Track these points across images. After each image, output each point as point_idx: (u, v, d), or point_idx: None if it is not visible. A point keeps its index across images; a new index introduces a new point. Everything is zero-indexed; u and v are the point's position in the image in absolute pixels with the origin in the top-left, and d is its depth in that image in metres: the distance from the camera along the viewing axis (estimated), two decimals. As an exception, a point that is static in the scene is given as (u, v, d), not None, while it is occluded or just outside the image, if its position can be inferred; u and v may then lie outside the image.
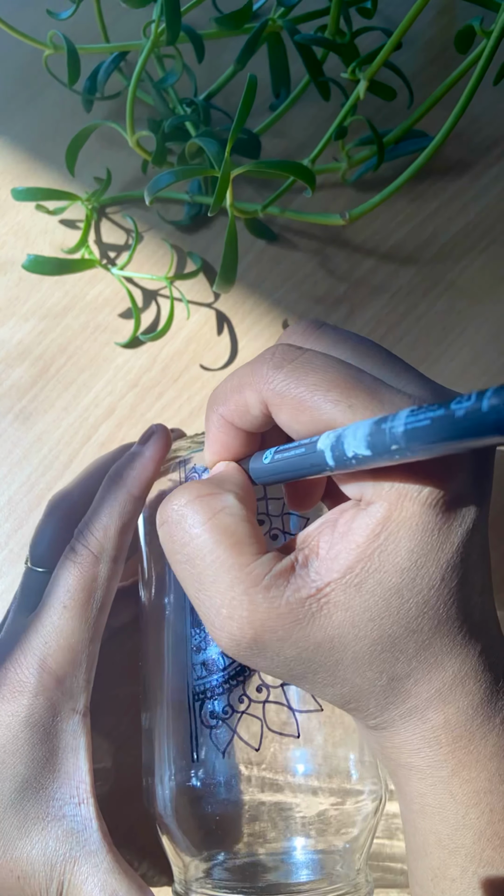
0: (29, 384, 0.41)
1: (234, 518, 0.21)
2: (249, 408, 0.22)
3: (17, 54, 0.46)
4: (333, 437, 0.19)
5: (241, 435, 0.23)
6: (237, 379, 0.22)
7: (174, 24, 0.36)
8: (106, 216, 0.43)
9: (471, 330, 0.39)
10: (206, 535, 0.21)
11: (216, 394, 0.23)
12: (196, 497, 0.22)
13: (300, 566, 0.20)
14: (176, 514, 0.22)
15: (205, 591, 0.21)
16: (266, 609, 0.20)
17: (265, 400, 0.21)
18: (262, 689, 0.26)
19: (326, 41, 0.38)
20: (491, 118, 0.42)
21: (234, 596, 0.20)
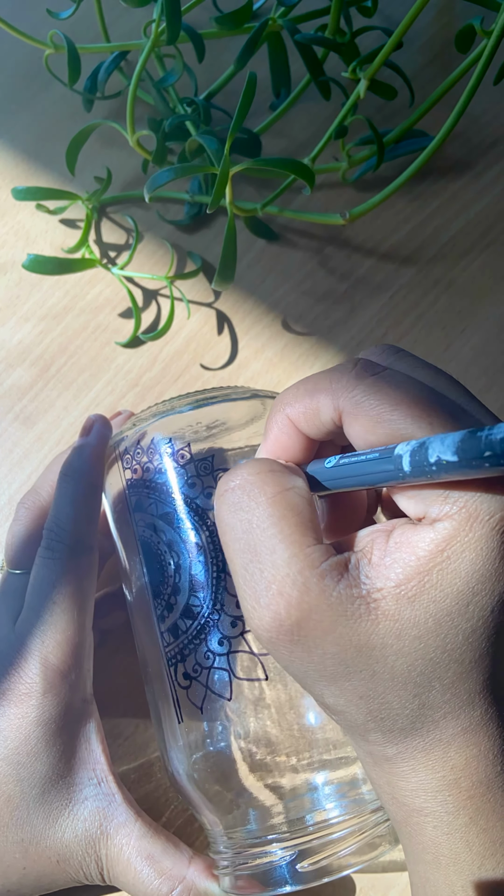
0: (29, 384, 0.41)
1: (301, 499, 0.21)
2: (320, 413, 0.22)
3: (17, 54, 0.46)
4: (415, 444, 0.19)
5: (301, 440, 0.23)
6: (312, 383, 0.22)
7: (174, 24, 0.36)
8: (106, 216, 0.43)
9: (471, 330, 0.39)
10: (273, 508, 0.21)
11: (286, 394, 0.23)
12: (268, 470, 0.22)
13: (352, 567, 0.20)
14: (244, 480, 0.21)
15: (258, 562, 0.20)
16: (318, 595, 0.19)
17: (340, 408, 0.21)
18: (223, 642, 0.27)
19: (327, 40, 0.38)
20: (491, 118, 0.42)
21: (289, 573, 0.20)
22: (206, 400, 0.29)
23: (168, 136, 0.39)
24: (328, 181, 0.42)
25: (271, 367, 0.40)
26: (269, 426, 0.24)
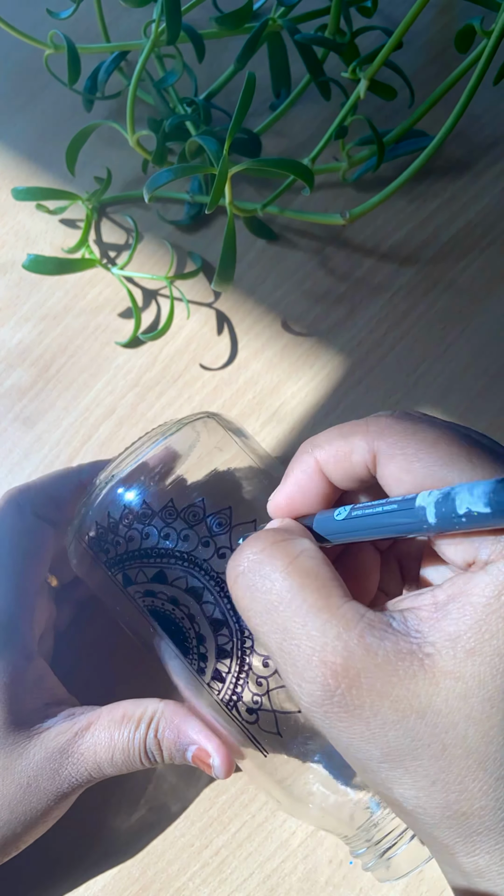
0: (29, 384, 0.41)
1: (314, 561, 0.20)
2: (353, 455, 0.21)
3: (17, 54, 0.46)
4: (439, 494, 0.18)
5: (322, 486, 0.22)
6: (347, 428, 0.22)
7: (174, 24, 0.36)
8: (106, 216, 0.43)
9: (471, 330, 0.39)
10: (290, 580, 0.19)
11: (317, 438, 0.22)
12: (271, 543, 0.21)
13: (397, 622, 0.18)
14: (251, 562, 0.20)
15: (291, 639, 0.19)
16: (363, 656, 0.18)
17: (375, 450, 0.20)
18: (267, 662, 0.26)
19: (327, 41, 0.38)
20: (491, 118, 0.42)
21: (327, 641, 0.18)
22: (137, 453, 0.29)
23: (168, 136, 0.39)
24: (328, 181, 0.42)
25: (271, 367, 0.40)
26: (292, 467, 0.23)
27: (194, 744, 0.27)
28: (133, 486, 0.28)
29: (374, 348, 0.39)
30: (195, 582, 0.27)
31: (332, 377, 0.39)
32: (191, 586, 0.27)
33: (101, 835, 0.33)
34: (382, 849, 0.26)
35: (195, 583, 0.27)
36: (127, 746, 0.28)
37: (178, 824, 0.33)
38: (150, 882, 0.32)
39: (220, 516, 0.28)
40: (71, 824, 0.33)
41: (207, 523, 0.28)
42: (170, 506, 0.28)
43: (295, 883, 0.32)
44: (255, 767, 0.27)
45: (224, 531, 0.27)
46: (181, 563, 0.27)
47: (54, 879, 0.33)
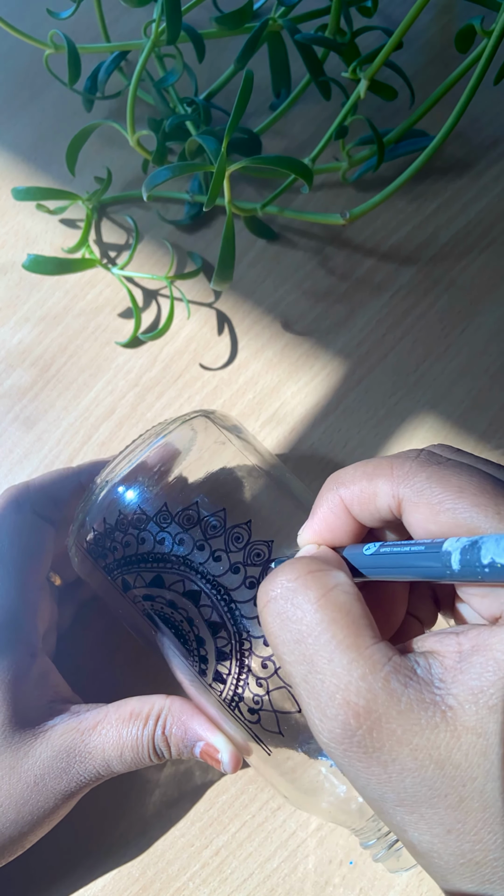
0: (29, 384, 0.41)
1: (348, 596, 0.20)
2: (377, 498, 0.21)
3: (17, 54, 0.46)
4: (467, 542, 0.18)
5: (350, 523, 0.22)
6: (371, 467, 0.21)
7: (175, 24, 0.36)
8: (106, 216, 0.43)
9: (471, 330, 0.39)
10: (322, 613, 0.19)
11: (342, 475, 0.22)
12: (307, 572, 0.20)
13: (422, 669, 0.18)
14: (285, 589, 0.20)
15: (317, 673, 0.19)
16: (385, 701, 0.18)
17: (400, 496, 0.20)
18: (266, 664, 0.27)
19: (327, 40, 0.38)
20: (491, 118, 0.42)
21: (352, 681, 0.18)
22: (133, 455, 0.29)
23: (168, 136, 0.39)
24: (328, 181, 0.42)
25: (271, 367, 0.40)
26: (318, 504, 0.23)
27: (202, 740, 0.27)
28: (128, 489, 0.28)
29: (374, 348, 0.39)
30: (192, 586, 0.27)
31: (332, 377, 0.39)
32: (188, 590, 0.27)
33: (102, 835, 0.33)
34: (392, 840, 0.26)
35: (192, 587, 0.27)
36: (136, 743, 0.28)
37: (178, 824, 0.33)
38: (150, 882, 0.32)
39: (215, 518, 0.28)
40: (71, 824, 0.33)
41: (202, 526, 0.28)
42: (164, 510, 0.28)
43: (295, 883, 0.32)
44: (262, 763, 0.28)
45: (219, 534, 0.27)
46: (177, 568, 0.27)
47: (54, 879, 0.33)
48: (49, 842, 0.32)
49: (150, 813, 0.33)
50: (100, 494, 0.28)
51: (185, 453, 0.29)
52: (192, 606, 0.27)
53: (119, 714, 0.28)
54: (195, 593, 0.27)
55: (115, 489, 0.28)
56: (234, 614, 0.27)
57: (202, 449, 0.29)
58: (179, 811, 0.33)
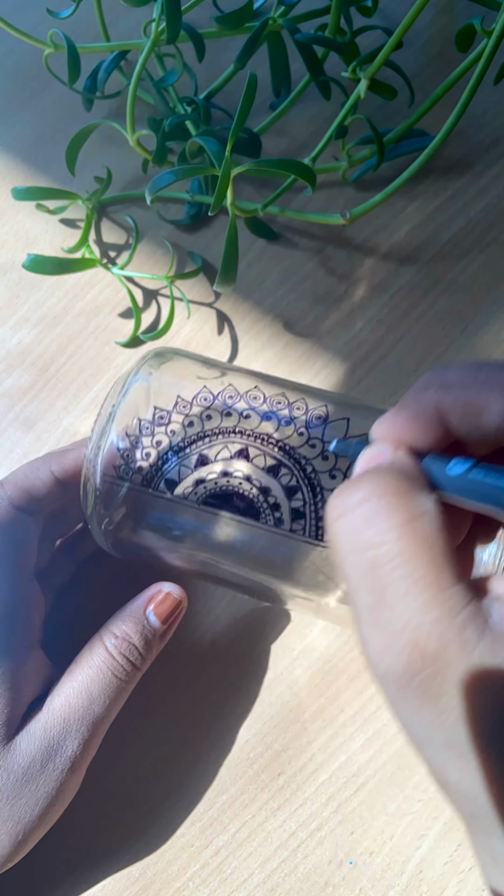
0: (29, 384, 0.41)
1: (434, 528, 0.18)
2: (485, 414, 0.18)
3: (17, 53, 0.46)
4: None
5: (441, 432, 0.20)
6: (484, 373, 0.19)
7: (174, 23, 0.36)
8: (106, 216, 0.43)
9: (471, 330, 0.39)
10: (404, 542, 0.17)
11: (447, 374, 0.19)
12: (393, 492, 0.18)
13: (495, 620, 0.17)
14: (366, 507, 0.18)
15: (386, 606, 0.17)
16: (457, 650, 0.17)
17: None
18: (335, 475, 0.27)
19: (327, 40, 0.38)
20: (491, 118, 0.42)
21: (425, 622, 0.17)
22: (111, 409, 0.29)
23: (168, 136, 0.39)
24: (328, 181, 0.42)
25: (271, 367, 0.40)
26: (408, 399, 0.20)
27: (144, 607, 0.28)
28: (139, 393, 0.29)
29: (374, 348, 0.39)
30: (236, 446, 0.28)
31: (332, 377, 0.39)
32: (235, 452, 0.28)
33: (101, 835, 0.33)
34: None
35: (236, 447, 0.28)
36: (94, 674, 0.28)
37: (178, 824, 0.33)
38: (150, 882, 0.32)
39: (228, 391, 0.29)
40: (71, 824, 0.33)
41: (220, 400, 0.28)
42: (180, 400, 0.29)
43: (295, 883, 0.32)
44: None
45: (237, 400, 0.28)
46: (216, 437, 0.28)
47: (55, 879, 0.33)
48: (49, 842, 0.32)
49: (150, 813, 0.33)
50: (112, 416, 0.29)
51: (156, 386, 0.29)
52: (245, 462, 0.28)
53: (68, 669, 0.29)
54: (242, 450, 0.28)
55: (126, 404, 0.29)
56: (285, 450, 0.28)
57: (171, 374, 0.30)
58: (179, 811, 0.33)
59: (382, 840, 0.32)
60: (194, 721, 0.34)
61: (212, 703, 0.34)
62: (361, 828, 0.32)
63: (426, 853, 0.32)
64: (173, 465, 0.28)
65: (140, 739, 0.34)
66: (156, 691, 0.35)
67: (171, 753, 0.34)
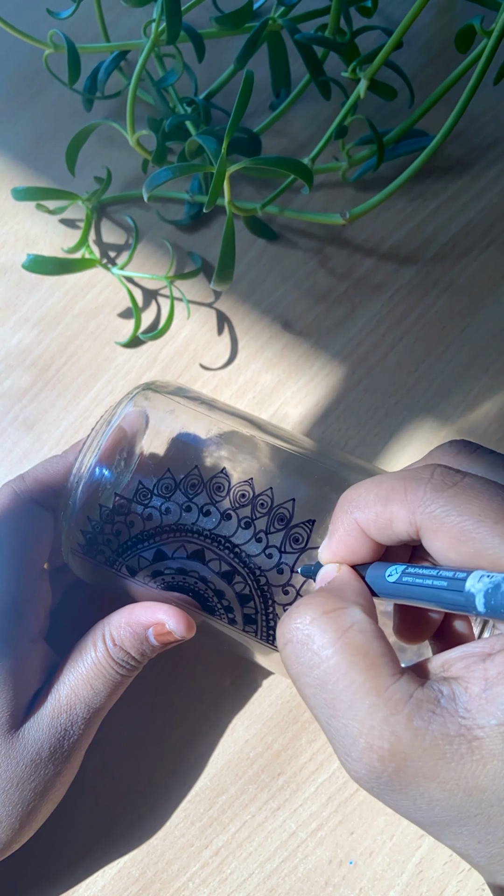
0: (29, 384, 0.41)
1: (365, 635, 0.19)
2: (394, 524, 0.21)
3: (17, 54, 0.46)
4: (490, 584, 0.17)
5: (369, 543, 0.22)
6: (384, 489, 0.21)
7: (174, 24, 0.36)
8: (106, 216, 0.43)
9: (471, 330, 0.39)
10: (338, 657, 0.19)
11: (355, 497, 0.22)
12: (321, 614, 0.20)
13: (446, 699, 0.18)
14: (301, 633, 0.20)
15: (339, 717, 0.19)
16: (410, 741, 0.18)
17: (417, 523, 0.20)
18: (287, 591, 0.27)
19: (327, 40, 0.38)
20: (491, 118, 0.42)
21: (374, 725, 0.18)
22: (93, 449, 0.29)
23: (168, 136, 0.39)
24: (328, 181, 0.42)
25: (271, 367, 0.40)
26: (335, 525, 0.22)
27: (149, 625, 0.28)
28: (99, 482, 0.29)
29: (374, 348, 0.39)
30: (193, 546, 0.28)
31: (332, 377, 0.39)
32: (191, 552, 0.28)
33: (101, 835, 0.33)
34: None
35: (194, 547, 0.28)
36: (97, 670, 0.29)
37: (178, 824, 0.33)
38: (150, 882, 0.32)
39: (192, 478, 0.28)
40: (71, 824, 0.33)
41: (183, 489, 0.28)
42: (141, 488, 0.28)
43: (295, 883, 0.32)
44: None
45: (200, 490, 0.28)
46: (173, 535, 0.28)
47: (54, 879, 0.33)
48: (49, 842, 0.32)
49: (150, 813, 0.33)
50: (75, 497, 0.29)
51: (142, 430, 0.29)
52: (200, 565, 0.28)
53: (71, 658, 0.29)
54: (199, 552, 0.28)
55: (87, 487, 0.28)
56: (240, 557, 0.27)
57: (156, 420, 0.29)
58: (179, 811, 0.33)
59: (382, 840, 0.32)
60: (194, 721, 0.34)
61: (212, 702, 0.34)
62: (361, 828, 0.32)
63: (426, 853, 0.32)
64: (132, 555, 0.28)
65: (140, 739, 0.34)
66: (156, 691, 0.35)
67: (172, 753, 0.34)
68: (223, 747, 0.34)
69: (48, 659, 0.30)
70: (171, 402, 0.30)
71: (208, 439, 0.29)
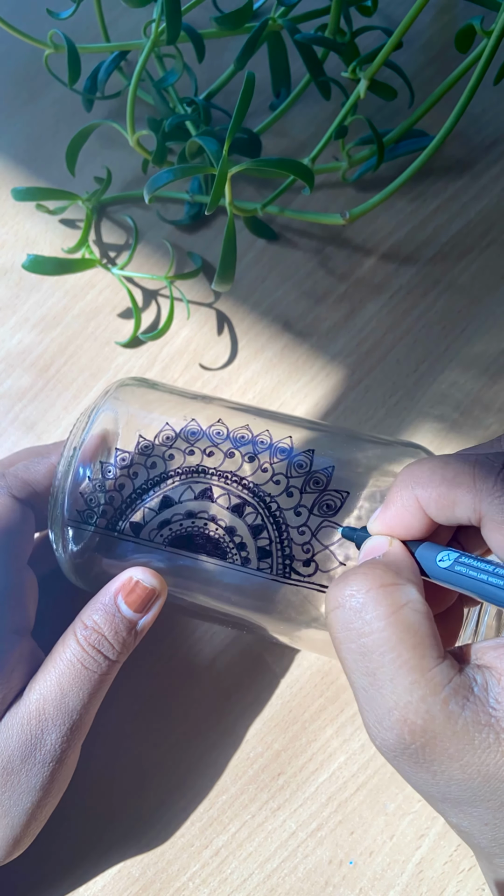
0: (29, 384, 0.41)
1: (417, 615, 0.20)
2: (456, 507, 0.21)
3: (17, 54, 0.46)
4: None
5: (425, 521, 0.22)
6: (452, 471, 0.21)
7: (174, 24, 0.36)
8: (106, 216, 0.43)
9: (471, 330, 0.39)
10: (389, 631, 0.20)
11: (418, 473, 0.22)
12: (379, 585, 0.21)
13: (479, 688, 0.19)
14: (355, 601, 0.21)
15: (377, 687, 0.20)
16: (442, 722, 0.19)
17: (483, 512, 0.20)
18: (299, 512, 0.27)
19: (327, 40, 0.38)
20: (491, 118, 0.42)
21: (412, 701, 0.19)
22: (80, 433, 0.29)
23: (168, 136, 0.39)
24: (328, 181, 0.42)
25: (271, 367, 0.40)
26: (392, 497, 0.23)
27: (115, 594, 0.28)
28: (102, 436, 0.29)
29: (374, 348, 0.39)
30: (200, 486, 0.28)
31: (332, 377, 0.39)
32: (198, 492, 0.28)
33: (101, 835, 0.33)
34: None
35: (200, 487, 0.28)
36: (66, 669, 0.28)
37: (178, 824, 0.33)
38: (150, 882, 0.32)
39: (191, 426, 0.28)
40: (70, 824, 0.33)
41: (183, 438, 0.28)
42: (141, 439, 0.28)
43: (295, 883, 0.32)
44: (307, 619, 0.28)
45: (200, 436, 0.28)
46: (179, 478, 0.28)
47: (54, 879, 0.33)
48: (49, 842, 0.32)
49: (150, 813, 0.33)
50: (70, 465, 0.29)
51: (122, 424, 0.29)
52: (209, 503, 0.28)
53: (47, 660, 0.28)
54: (205, 490, 0.28)
55: (91, 439, 0.29)
56: (249, 488, 0.28)
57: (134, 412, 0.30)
58: (179, 811, 0.33)
59: (382, 840, 0.32)
60: (194, 721, 0.34)
61: (212, 703, 0.34)
62: (361, 828, 0.32)
63: (426, 853, 0.32)
64: (137, 508, 0.28)
65: (140, 739, 0.34)
66: (155, 691, 0.35)
67: (171, 753, 0.34)
68: (223, 747, 0.34)
69: (34, 656, 0.30)
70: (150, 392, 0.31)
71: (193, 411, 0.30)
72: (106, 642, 0.28)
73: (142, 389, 0.31)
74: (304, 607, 0.28)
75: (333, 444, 0.29)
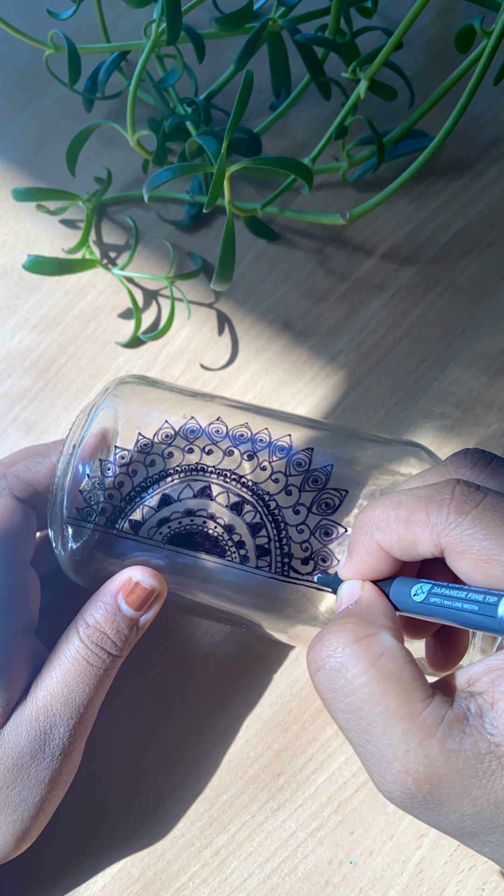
0: (29, 384, 0.41)
1: (396, 661, 0.20)
2: (417, 546, 0.21)
3: (17, 54, 0.46)
4: None
5: (390, 561, 0.22)
6: (405, 511, 0.21)
7: (175, 24, 0.36)
8: (106, 216, 0.43)
9: (471, 330, 0.39)
10: (372, 685, 0.20)
11: (375, 517, 0.22)
12: (353, 641, 0.21)
13: (473, 717, 0.19)
14: (334, 661, 0.21)
15: (373, 742, 0.20)
16: (444, 764, 0.19)
17: (442, 545, 0.20)
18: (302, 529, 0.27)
19: (327, 41, 0.38)
20: (491, 118, 0.42)
21: (409, 749, 0.19)
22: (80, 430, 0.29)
23: (168, 137, 0.39)
24: (328, 181, 0.42)
25: (271, 367, 0.40)
26: (354, 546, 0.23)
27: (116, 593, 0.28)
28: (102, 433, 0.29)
29: (374, 348, 0.39)
30: (199, 484, 0.28)
31: (333, 377, 0.39)
32: (198, 490, 0.28)
33: (101, 835, 0.33)
34: None
35: (199, 485, 0.28)
36: (71, 666, 0.28)
37: (178, 824, 0.33)
38: (150, 882, 0.32)
39: (190, 424, 0.29)
40: (70, 824, 0.33)
41: (182, 435, 0.28)
42: (141, 437, 0.28)
43: (295, 883, 0.32)
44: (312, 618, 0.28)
45: (199, 434, 0.28)
46: (178, 475, 0.28)
47: (54, 879, 0.33)
48: (49, 842, 0.32)
49: (150, 813, 0.33)
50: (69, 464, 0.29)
51: (121, 421, 0.29)
52: (208, 501, 0.28)
53: (51, 656, 0.29)
54: (204, 488, 0.28)
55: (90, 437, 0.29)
56: (248, 486, 0.28)
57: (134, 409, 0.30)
58: (179, 811, 0.33)
59: (382, 840, 0.32)
60: (194, 721, 0.34)
61: (212, 703, 0.34)
62: (361, 828, 0.32)
63: (426, 853, 0.32)
64: (136, 506, 0.28)
65: (140, 739, 0.34)
66: (156, 691, 0.35)
67: (172, 753, 0.34)
68: (223, 747, 0.34)
69: (38, 654, 0.30)
70: (149, 390, 0.31)
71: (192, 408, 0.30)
72: (108, 639, 0.28)
73: (141, 387, 0.31)
74: (302, 605, 0.28)
75: (333, 442, 0.29)
